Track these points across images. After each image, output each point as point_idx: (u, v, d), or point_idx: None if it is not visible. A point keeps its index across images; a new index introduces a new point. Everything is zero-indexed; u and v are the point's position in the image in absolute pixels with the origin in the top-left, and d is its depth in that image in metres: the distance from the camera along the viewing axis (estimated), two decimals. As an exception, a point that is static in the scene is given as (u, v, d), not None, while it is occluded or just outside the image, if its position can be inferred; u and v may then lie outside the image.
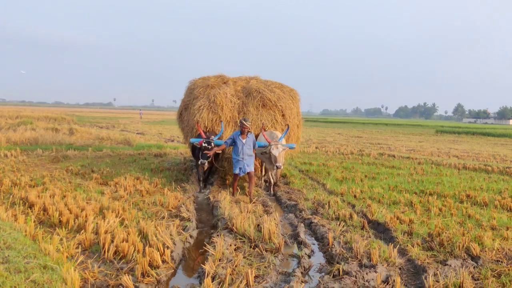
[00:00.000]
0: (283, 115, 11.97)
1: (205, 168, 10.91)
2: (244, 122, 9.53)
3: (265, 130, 11.03)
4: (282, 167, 10.20)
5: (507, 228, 7.36)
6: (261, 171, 12.73)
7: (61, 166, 13.46)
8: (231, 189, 10.38)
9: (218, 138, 10.75)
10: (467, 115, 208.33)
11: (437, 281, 4.96)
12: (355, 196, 9.96)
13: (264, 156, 10.51)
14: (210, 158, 10.26)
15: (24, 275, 4.47)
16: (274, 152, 9.78)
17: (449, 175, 13.96)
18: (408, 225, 7.49)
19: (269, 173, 11.17)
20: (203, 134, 10.53)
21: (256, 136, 11.39)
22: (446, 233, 6.82)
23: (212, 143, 10.17)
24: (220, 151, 10.64)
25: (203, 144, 10.12)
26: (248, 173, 9.85)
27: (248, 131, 9.77)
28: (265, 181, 12.32)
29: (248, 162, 9.76)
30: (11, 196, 8.56)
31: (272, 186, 11.16)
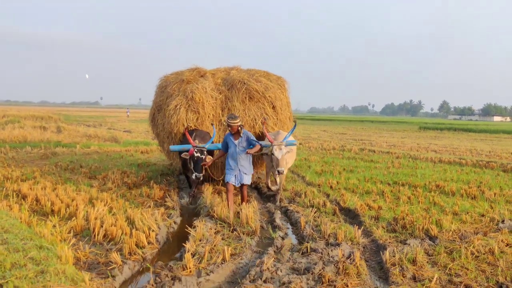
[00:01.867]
0: (273, 107, 10.56)
1: (201, 179, 8.53)
2: (230, 121, 7.49)
3: (263, 124, 9.21)
4: (285, 173, 8.41)
5: (467, 213, 8.01)
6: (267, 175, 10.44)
7: (50, 162, 13.89)
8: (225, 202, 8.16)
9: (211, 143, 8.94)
10: (452, 112, 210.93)
11: (393, 256, 5.56)
12: (331, 187, 10.56)
13: (267, 158, 9.26)
14: (203, 170, 8.37)
15: (23, 253, 4.98)
16: (277, 154, 7.98)
17: (424, 168, 14.64)
18: (377, 211, 8.10)
19: (272, 177, 9.86)
20: (191, 140, 8.43)
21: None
22: (409, 217, 7.44)
23: (205, 151, 8.29)
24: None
25: (195, 154, 8.16)
26: (241, 187, 7.92)
27: (239, 128, 7.68)
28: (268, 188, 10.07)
29: (245, 169, 7.75)
30: (4, 189, 9.01)
31: (276, 193, 9.44)
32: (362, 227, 7.01)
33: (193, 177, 8.23)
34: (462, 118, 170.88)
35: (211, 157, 8.67)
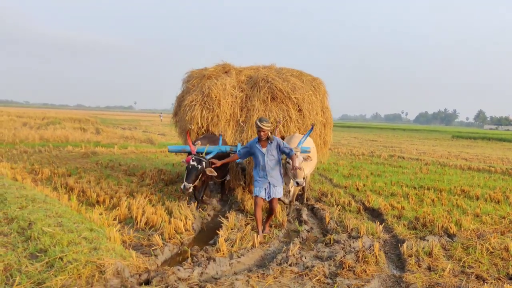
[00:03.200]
0: (299, 110, 9.41)
1: (190, 190, 7.12)
2: (260, 124, 6.38)
3: (277, 128, 8.71)
4: (303, 184, 6.88)
5: (488, 215, 8.30)
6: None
7: (91, 160, 14.77)
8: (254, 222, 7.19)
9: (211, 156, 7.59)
10: (488, 121, 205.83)
11: (411, 249, 5.98)
12: (357, 189, 10.96)
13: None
14: (196, 181, 7.24)
15: (76, 233, 5.64)
16: (294, 163, 6.64)
17: (451, 174, 14.81)
18: (399, 211, 8.48)
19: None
20: (191, 145, 7.44)
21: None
22: (430, 216, 7.80)
23: (204, 162, 7.23)
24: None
25: (191, 162, 7.15)
26: (271, 200, 6.65)
27: (270, 135, 6.57)
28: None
29: (275, 181, 6.59)
30: (53, 182, 9.82)
31: (288, 206, 8.51)
32: (384, 224, 7.42)
33: (182, 186, 7.03)
34: (499, 128, 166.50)
35: (217, 161, 7.36)
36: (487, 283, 5.01)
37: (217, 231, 6.39)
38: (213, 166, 7.34)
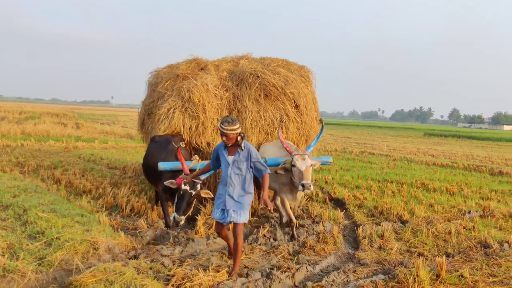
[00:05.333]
0: (296, 106, 8.37)
1: (182, 223, 6.11)
2: (225, 127, 4.87)
3: (280, 128, 7.25)
4: (312, 188, 6.08)
5: (440, 205, 9.23)
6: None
7: (73, 154, 15.33)
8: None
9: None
10: (462, 119, 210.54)
11: (365, 232, 6.85)
12: (326, 182, 11.81)
13: (280, 177, 6.59)
14: (189, 211, 6.22)
15: (69, 218, 6.32)
16: (300, 165, 6.07)
17: (416, 169, 15.82)
18: (361, 201, 9.35)
19: (286, 205, 6.77)
20: (185, 165, 6.15)
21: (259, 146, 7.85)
22: (387, 205, 8.69)
23: (199, 185, 6.05)
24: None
25: (183, 187, 5.92)
26: (235, 226, 5.10)
27: (239, 139, 4.99)
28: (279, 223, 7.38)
29: (234, 204, 5.03)
30: (40, 174, 10.41)
31: (292, 227, 6.71)
32: (345, 212, 8.29)
33: (171, 218, 5.87)
34: (472, 126, 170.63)
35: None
36: (426, 259, 5.89)
37: (196, 216, 7.12)
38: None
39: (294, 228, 6.71)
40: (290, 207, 6.80)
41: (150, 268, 4.83)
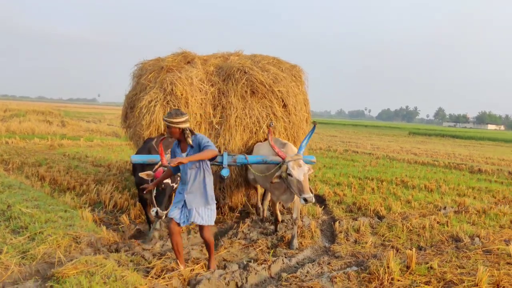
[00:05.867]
0: (284, 106, 8.11)
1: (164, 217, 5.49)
2: (168, 119, 4.64)
3: (270, 133, 6.34)
4: (313, 200, 5.62)
5: (417, 201, 9.51)
6: (261, 199, 8.09)
7: (58, 152, 15.37)
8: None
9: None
10: (447, 119, 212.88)
11: (342, 226, 7.08)
12: (308, 179, 12.03)
13: (276, 183, 6.08)
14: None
15: (53, 213, 6.45)
16: (297, 174, 5.57)
17: (398, 167, 16.13)
18: (341, 197, 9.59)
19: (276, 205, 6.66)
20: (163, 155, 5.47)
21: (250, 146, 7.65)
22: (366, 201, 8.94)
23: (179, 177, 5.52)
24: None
25: (164, 181, 5.52)
26: (201, 228, 4.99)
27: (186, 133, 4.73)
28: (269, 220, 7.69)
29: (194, 201, 4.81)
30: (24, 171, 10.48)
31: (277, 224, 6.92)
32: (324, 207, 8.52)
33: (153, 213, 5.33)
34: (457, 125, 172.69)
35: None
36: (399, 252, 6.13)
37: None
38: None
39: (278, 225, 6.80)
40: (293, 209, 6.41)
41: (131, 261, 5.00)
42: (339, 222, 7.24)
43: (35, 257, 4.99)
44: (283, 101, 8.06)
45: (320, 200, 9.47)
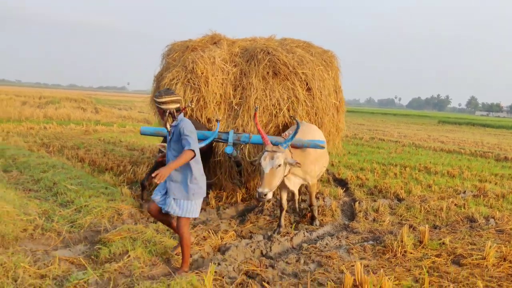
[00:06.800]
0: (308, 89, 7.76)
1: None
2: (156, 99, 4.38)
3: (256, 116, 5.84)
4: (266, 198, 5.16)
5: (438, 186, 9.80)
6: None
7: (93, 137, 16.16)
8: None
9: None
10: (480, 108, 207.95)
11: (361, 206, 7.50)
12: (332, 164, 12.44)
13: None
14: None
15: (95, 190, 7.10)
16: (264, 165, 5.25)
17: (423, 154, 16.32)
18: (363, 181, 9.97)
19: (281, 191, 6.37)
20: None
21: (283, 129, 7.40)
22: (387, 185, 9.30)
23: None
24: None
25: (161, 149, 6.19)
26: (178, 219, 4.47)
27: (174, 114, 4.44)
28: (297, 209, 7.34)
29: (174, 189, 4.40)
30: (64, 153, 11.22)
31: (313, 212, 6.71)
32: (346, 190, 8.94)
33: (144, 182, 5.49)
34: (490, 114, 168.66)
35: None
36: (415, 230, 6.52)
37: (207, 191, 7.85)
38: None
39: (282, 215, 6.26)
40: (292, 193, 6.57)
41: (167, 230, 5.57)
42: (359, 203, 7.66)
43: (83, 226, 5.62)
44: (307, 84, 7.73)
45: (343, 183, 9.87)
